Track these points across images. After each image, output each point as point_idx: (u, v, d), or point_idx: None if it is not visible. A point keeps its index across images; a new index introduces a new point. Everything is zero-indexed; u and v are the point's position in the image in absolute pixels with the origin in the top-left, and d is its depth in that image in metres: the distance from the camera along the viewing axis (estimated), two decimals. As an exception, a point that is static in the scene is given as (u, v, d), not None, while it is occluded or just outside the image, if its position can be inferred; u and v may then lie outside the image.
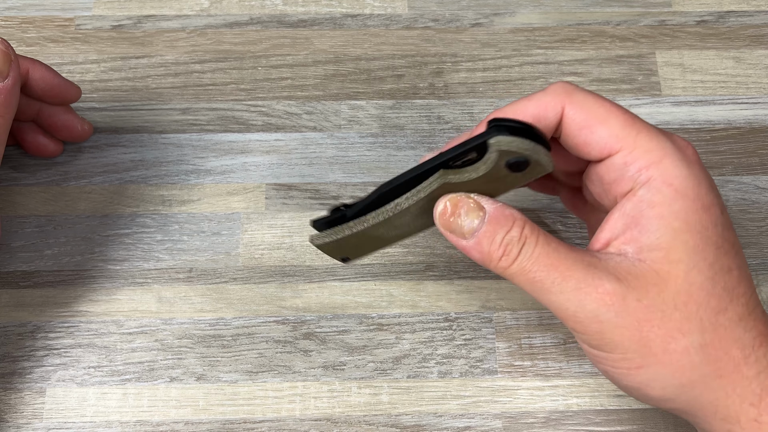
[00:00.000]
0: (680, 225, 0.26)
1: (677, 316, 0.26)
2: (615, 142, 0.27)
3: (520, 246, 0.27)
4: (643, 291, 0.26)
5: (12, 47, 0.34)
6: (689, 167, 0.27)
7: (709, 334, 0.26)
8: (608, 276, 0.26)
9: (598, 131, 0.27)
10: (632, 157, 0.27)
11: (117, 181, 0.40)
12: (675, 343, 0.26)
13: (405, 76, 0.43)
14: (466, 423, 0.36)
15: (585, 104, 0.28)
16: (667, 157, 0.27)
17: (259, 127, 0.42)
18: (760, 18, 0.45)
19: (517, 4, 0.45)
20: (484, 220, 0.28)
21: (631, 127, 0.27)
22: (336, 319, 0.38)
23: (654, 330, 0.26)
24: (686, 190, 0.26)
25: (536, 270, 0.27)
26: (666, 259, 0.26)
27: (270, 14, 0.44)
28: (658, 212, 0.26)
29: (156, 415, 0.36)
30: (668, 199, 0.26)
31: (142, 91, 0.42)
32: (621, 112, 0.28)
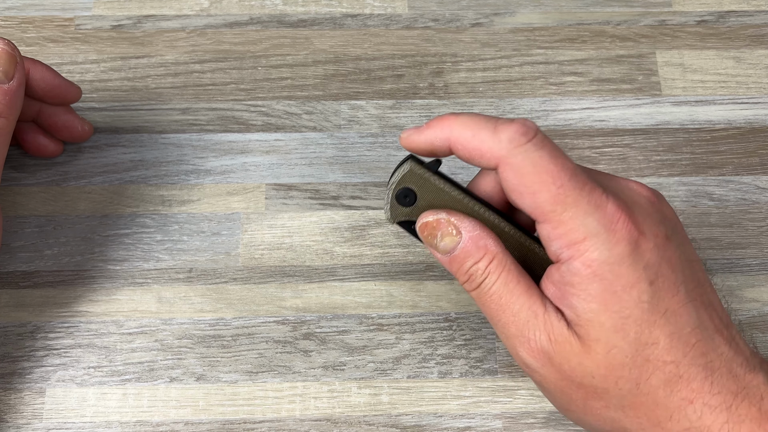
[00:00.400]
0: (597, 306, 0.27)
1: (596, 383, 0.28)
2: (540, 215, 0.28)
3: (482, 278, 0.29)
4: (566, 358, 0.28)
5: (17, 49, 0.34)
6: (612, 248, 0.27)
7: (628, 399, 0.28)
8: (542, 333, 0.28)
9: (526, 200, 0.28)
10: (556, 234, 0.27)
11: (117, 181, 0.40)
12: (594, 402, 0.28)
13: (405, 76, 0.43)
14: (467, 423, 0.36)
15: (521, 169, 0.27)
16: (589, 239, 0.27)
17: (259, 127, 0.42)
18: (760, 18, 0.45)
19: (517, 4, 0.45)
20: (458, 246, 0.30)
21: (559, 203, 0.27)
22: (336, 320, 0.38)
23: (574, 389, 0.29)
24: (604, 273, 0.27)
25: (490, 303, 0.29)
26: (587, 336, 0.28)
27: (270, 14, 0.44)
28: (577, 292, 0.28)
29: (156, 416, 0.36)
30: (586, 280, 0.27)
31: (142, 91, 0.42)
32: (555, 185, 0.27)
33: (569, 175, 0.27)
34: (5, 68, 0.33)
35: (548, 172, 0.27)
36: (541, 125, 0.42)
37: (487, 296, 0.30)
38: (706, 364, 0.27)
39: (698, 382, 0.27)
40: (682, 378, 0.27)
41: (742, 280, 0.39)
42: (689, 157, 0.42)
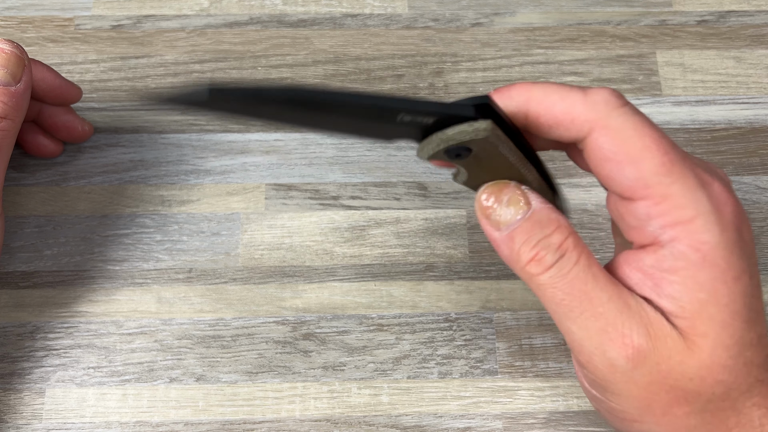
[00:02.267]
0: (706, 297, 0.23)
1: (691, 387, 0.24)
2: (642, 188, 0.23)
3: (557, 257, 0.24)
4: (666, 356, 0.24)
5: (25, 51, 0.34)
6: (723, 231, 0.23)
7: (714, 405, 0.24)
8: (639, 328, 0.24)
9: (625, 170, 0.24)
10: (658, 211, 0.23)
11: (116, 181, 0.40)
12: (678, 408, 0.25)
13: (405, 76, 0.43)
14: (467, 423, 0.36)
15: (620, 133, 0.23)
16: (700, 218, 0.23)
17: (259, 127, 0.41)
18: (760, 18, 0.45)
19: (517, 4, 0.45)
20: (526, 216, 0.25)
21: (666, 174, 0.23)
22: (336, 320, 0.38)
23: (662, 395, 0.24)
24: (716, 259, 0.23)
25: (567, 292, 0.24)
26: (692, 331, 0.24)
27: (270, 14, 0.44)
28: (681, 279, 0.24)
29: (156, 416, 0.36)
30: (694, 266, 0.23)
31: (142, 91, 0.42)
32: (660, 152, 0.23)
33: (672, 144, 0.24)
34: (13, 71, 0.33)
35: (652, 138, 0.23)
36: (542, 125, 0.42)
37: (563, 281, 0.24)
38: None
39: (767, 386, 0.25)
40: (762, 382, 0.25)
41: (742, 280, 0.39)
42: (690, 157, 0.42)
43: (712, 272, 0.23)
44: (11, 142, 0.34)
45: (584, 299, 0.24)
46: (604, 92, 0.24)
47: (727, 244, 0.23)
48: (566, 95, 0.24)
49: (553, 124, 0.24)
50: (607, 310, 0.24)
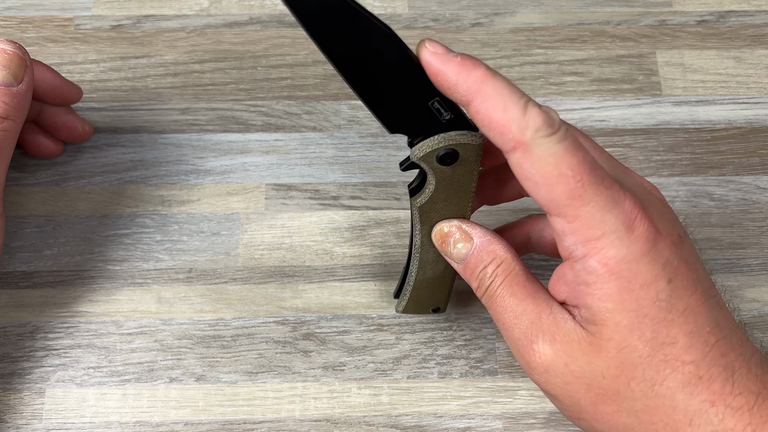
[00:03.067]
0: (613, 305, 0.26)
1: (606, 384, 0.27)
2: (554, 209, 0.26)
3: (489, 282, 0.30)
4: (574, 357, 0.27)
5: (27, 52, 0.34)
6: (630, 245, 0.26)
7: (641, 402, 0.27)
8: (545, 336, 0.28)
9: (541, 191, 0.26)
10: (570, 229, 0.26)
11: (116, 181, 0.40)
12: (604, 406, 0.27)
13: (405, 76, 0.43)
14: (467, 423, 0.36)
15: (540, 159, 0.26)
16: (606, 236, 0.26)
17: (259, 127, 0.41)
18: (760, 18, 0.45)
19: (517, 4, 0.45)
20: (469, 252, 0.30)
21: (577, 198, 0.26)
22: (336, 320, 0.38)
23: (583, 393, 0.27)
24: (621, 271, 0.26)
25: (494, 308, 0.30)
26: (600, 335, 0.27)
27: (270, 14, 0.44)
28: (592, 291, 0.27)
29: (156, 416, 0.36)
30: (602, 279, 0.26)
31: (142, 91, 0.42)
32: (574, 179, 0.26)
33: (588, 169, 0.26)
34: (15, 71, 0.33)
35: (568, 166, 0.26)
36: (542, 125, 0.42)
37: (492, 300, 0.30)
38: (727, 364, 0.26)
39: (719, 383, 0.26)
40: (702, 379, 0.26)
41: (742, 280, 0.39)
42: (690, 157, 0.42)
43: (618, 283, 0.26)
44: (13, 142, 0.34)
45: (505, 313, 0.29)
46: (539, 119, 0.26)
47: (634, 257, 0.26)
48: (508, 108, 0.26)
49: (487, 125, 0.26)
50: (522, 322, 0.29)
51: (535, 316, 0.28)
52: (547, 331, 0.28)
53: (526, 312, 0.28)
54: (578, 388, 0.27)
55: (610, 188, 0.26)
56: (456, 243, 0.31)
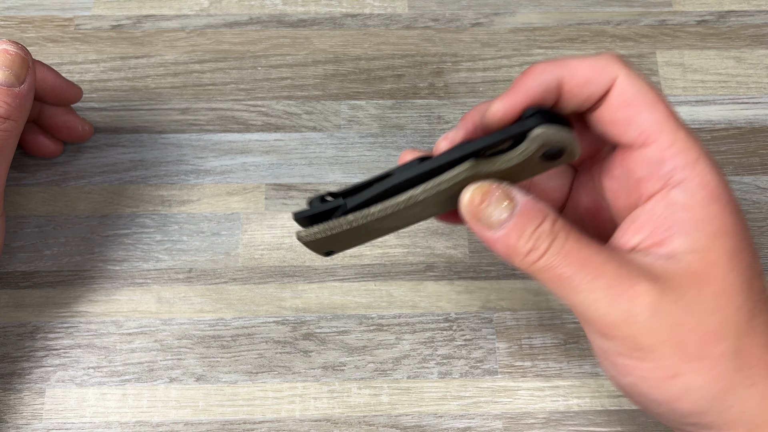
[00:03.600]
0: (717, 228, 0.25)
1: (715, 319, 0.25)
2: (656, 131, 0.26)
3: (550, 240, 0.26)
4: (680, 292, 0.25)
5: (29, 53, 0.34)
6: (719, 172, 0.26)
7: (743, 339, 0.25)
8: (643, 275, 0.25)
9: (643, 114, 0.26)
10: (669, 153, 0.26)
11: (116, 181, 0.40)
12: (711, 348, 0.25)
13: (405, 76, 0.43)
14: (467, 423, 0.36)
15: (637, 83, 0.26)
16: (702, 159, 0.26)
17: (259, 127, 0.41)
18: (760, 18, 0.45)
19: (517, 4, 0.45)
20: (514, 212, 0.26)
21: (673, 122, 0.26)
22: (336, 320, 0.38)
23: (690, 334, 0.25)
24: (720, 194, 0.26)
25: (566, 266, 0.25)
26: (704, 261, 0.25)
27: (270, 14, 0.44)
28: (694, 216, 0.25)
29: (155, 416, 0.36)
30: (704, 202, 0.25)
31: (142, 91, 0.42)
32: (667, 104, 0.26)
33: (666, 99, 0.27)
34: (17, 72, 0.33)
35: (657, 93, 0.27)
36: (542, 125, 0.42)
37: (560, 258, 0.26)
38: None
39: None
40: None
41: (742, 280, 0.39)
42: (689, 157, 0.42)
43: (718, 206, 0.26)
44: (14, 142, 0.34)
45: (583, 266, 0.25)
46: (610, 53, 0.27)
47: (725, 182, 0.26)
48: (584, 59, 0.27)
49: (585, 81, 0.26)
50: (609, 268, 0.25)
51: (622, 260, 0.25)
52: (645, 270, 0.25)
53: (610, 258, 0.25)
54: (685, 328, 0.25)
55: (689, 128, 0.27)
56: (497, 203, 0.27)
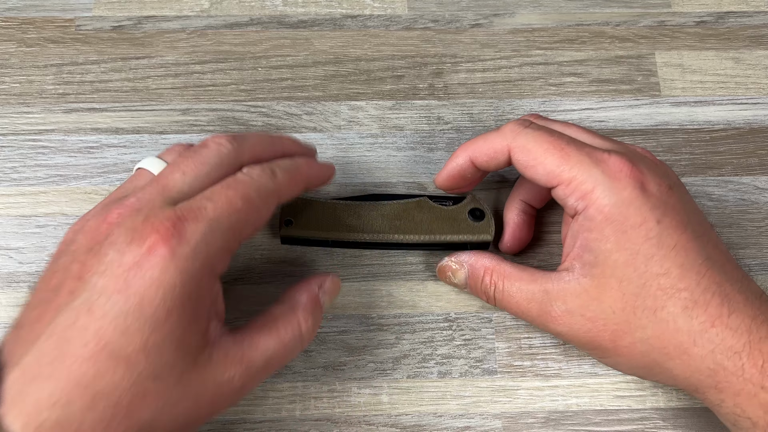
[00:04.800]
0: (611, 246, 0.31)
1: (617, 318, 0.31)
2: (553, 178, 0.32)
3: (492, 290, 0.35)
4: (586, 306, 0.32)
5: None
6: (618, 193, 0.31)
7: (650, 330, 0.30)
8: (557, 301, 0.32)
9: (538, 170, 0.33)
10: (569, 190, 0.32)
11: (117, 181, 0.40)
12: (621, 340, 0.31)
13: (405, 76, 0.43)
14: (466, 423, 0.36)
15: (526, 147, 0.33)
16: (597, 188, 0.31)
17: (259, 128, 0.42)
18: (759, 18, 0.45)
19: (516, 5, 0.45)
20: (467, 276, 0.36)
21: (564, 164, 0.32)
22: (336, 320, 0.38)
23: (600, 334, 0.32)
24: (614, 216, 0.31)
25: (509, 304, 0.34)
26: (602, 275, 0.31)
27: (270, 15, 0.44)
28: (594, 236, 0.31)
29: (156, 415, 0.36)
30: (600, 224, 0.31)
31: (143, 91, 0.42)
32: (557, 150, 0.32)
33: (566, 142, 0.32)
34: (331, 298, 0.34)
35: (549, 143, 0.32)
36: (541, 126, 0.42)
37: (503, 300, 0.34)
38: (720, 291, 0.30)
39: (714, 306, 0.30)
40: (698, 303, 0.30)
41: (741, 280, 0.39)
42: (688, 157, 0.42)
43: (613, 226, 0.31)
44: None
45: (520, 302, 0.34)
46: (511, 124, 0.34)
47: (623, 202, 0.31)
48: (486, 138, 0.34)
49: (489, 158, 0.34)
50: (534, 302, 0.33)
51: (543, 293, 0.33)
52: (558, 297, 0.32)
53: (533, 292, 0.33)
54: (597, 330, 0.32)
55: (592, 153, 0.32)
56: (455, 274, 0.36)
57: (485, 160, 0.35)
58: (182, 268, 0.27)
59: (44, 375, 0.25)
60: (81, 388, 0.25)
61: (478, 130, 0.42)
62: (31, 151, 0.40)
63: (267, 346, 0.30)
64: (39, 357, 0.26)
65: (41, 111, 0.41)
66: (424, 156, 0.41)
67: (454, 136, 0.42)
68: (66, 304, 0.27)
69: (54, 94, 0.42)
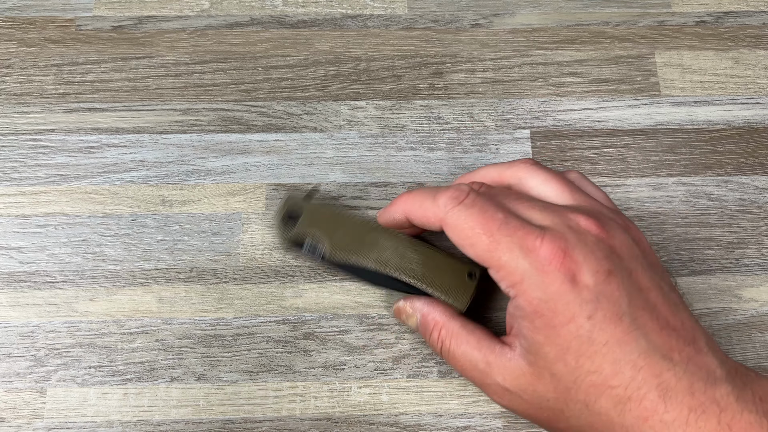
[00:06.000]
0: (542, 339, 0.30)
1: (551, 405, 0.31)
2: (483, 262, 0.31)
3: (440, 346, 0.34)
4: (523, 389, 0.31)
5: None
6: (546, 288, 0.30)
7: (584, 419, 0.30)
8: (498, 376, 0.32)
9: (468, 251, 0.32)
10: (499, 276, 0.31)
11: (117, 181, 0.40)
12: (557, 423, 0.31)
13: (405, 76, 0.43)
14: (466, 422, 0.36)
15: (456, 226, 0.32)
16: (525, 280, 0.30)
17: (260, 128, 0.42)
18: (759, 18, 0.45)
19: (516, 5, 0.45)
20: (418, 323, 0.35)
21: (494, 251, 0.31)
22: (336, 319, 0.38)
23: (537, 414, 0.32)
24: (544, 311, 0.30)
25: (452, 364, 0.34)
26: (536, 364, 0.31)
27: (270, 15, 0.44)
28: (526, 325, 0.31)
29: (157, 415, 0.36)
30: (530, 316, 0.30)
31: (143, 91, 0.42)
32: (486, 235, 0.31)
33: (498, 225, 0.31)
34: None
35: (480, 225, 0.31)
36: (541, 126, 0.42)
37: (447, 358, 0.34)
38: (659, 384, 0.28)
39: (650, 401, 0.28)
40: (632, 399, 0.29)
41: (740, 280, 0.39)
42: (688, 157, 0.42)
43: (543, 320, 0.30)
44: None
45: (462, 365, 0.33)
46: (446, 195, 0.33)
47: (551, 297, 0.30)
48: (422, 202, 0.33)
49: (421, 223, 0.34)
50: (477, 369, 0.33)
51: (485, 364, 0.32)
52: (498, 373, 0.32)
53: (476, 361, 0.32)
54: (533, 411, 0.31)
55: (524, 238, 0.30)
56: (407, 318, 0.36)
57: (419, 223, 0.34)
58: None
59: None
60: None
61: (477, 130, 0.42)
62: (31, 151, 0.40)
63: None
64: None
65: (42, 111, 0.41)
66: (424, 156, 0.41)
67: (454, 136, 0.42)
68: None
69: (54, 93, 0.42)
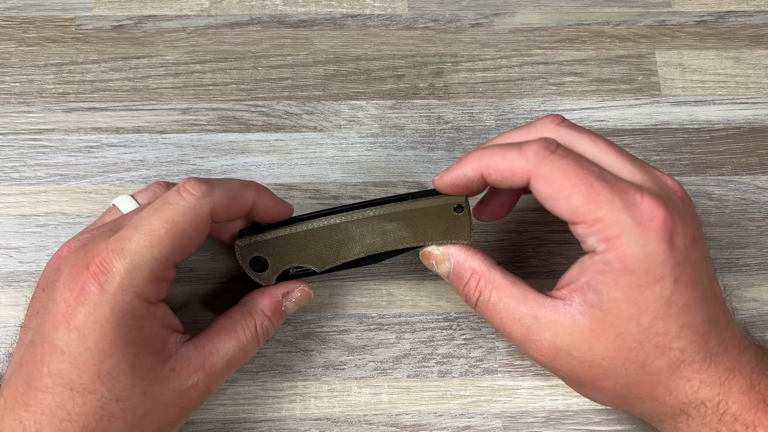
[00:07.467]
0: (621, 296, 0.29)
1: (605, 365, 0.30)
2: (576, 216, 0.29)
3: (476, 297, 0.32)
4: (575, 346, 0.30)
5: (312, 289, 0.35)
6: (645, 245, 0.29)
7: (633, 379, 0.30)
8: (547, 332, 0.30)
9: (561, 205, 0.30)
10: (592, 230, 0.29)
11: (117, 181, 0.40)
12: (602, 382, 0.31)
13: (405, 76, 0.43)
14: (466, 422, 0.36)
15: (550, 177, 0.30)
16: (624, 235, 0.29)
17: (260, 127, 0.42)
18: (759, 18, 0.45)
19: (516, 5, 0.45)
20: (450, 271, 0.33)
21: (593, 202, 0.29)
22: (336, 319, 0.38)
23: (583, 374, 0.31)
24: (635, 268, 0.29)
25: (490, 317, 0.32)
26: (602, 320, 0.29)
27: (270, 14, 0.44)
28: (606, 281, 0.29)
29: (157, 415, 0.36)
30: (616, 272, 0.29)
31: (143, 91, 0.42)
32: (585, 186, 0.29)
33: (596, 177, 0.29)
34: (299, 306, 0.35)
35: (577, 176, 0.29)
36: (541, 125, 0.42)
37: (485, 311, 0.32)
38: (708, 349, 0.30)
39: (698, 363, 0.30)
40: (685, 362, 0.30)
41: (741, 279, 0.39)
42: (688, 157, 0.42)
43: (630, 278, 0.29)
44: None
45: (503, 323, 0.32)
46: (535, 145, 0.30)
47: (648, 256, 0.29)
48: (506, 154, 0.31)
49: (502, 178, 0.31)
50: (522, 325, 0.31)
51: (532, 318, 0.31)
52: (548, 329, 0.30)
53: (523, 314, 0.31)
54: (581, 369, 0.30)
55: (624, 192, 0.29)
56: (438, 263, 0.33)
57: (498, 179, 0.31)
58: (113, 303, 0.28)
59: (18, 405, 0.28)
60: (48, 417, 0.28)
61: (478, 130, 0.42)
62: (31, 151, 0.40)
63: (227, 349, 0.32)
64: (13, 389, 0.29)
65: (41, 110, 0.41)
66: (424, 155, 0.41)
67: (455, 135, 0.42)
68: (29, 340, 0.30)
69: (54, 93, 0.42)
